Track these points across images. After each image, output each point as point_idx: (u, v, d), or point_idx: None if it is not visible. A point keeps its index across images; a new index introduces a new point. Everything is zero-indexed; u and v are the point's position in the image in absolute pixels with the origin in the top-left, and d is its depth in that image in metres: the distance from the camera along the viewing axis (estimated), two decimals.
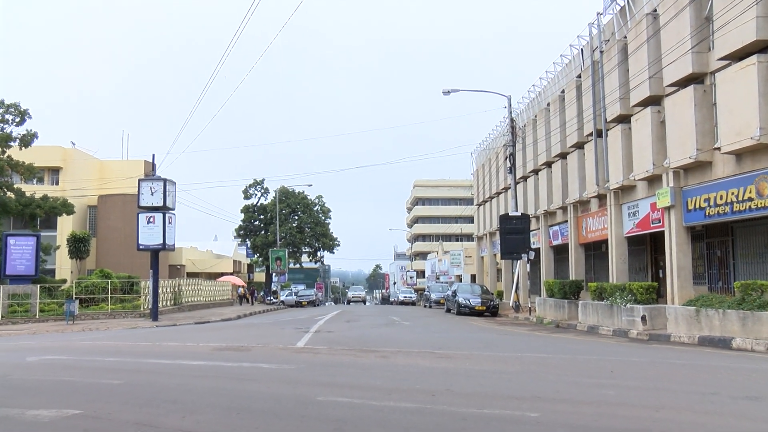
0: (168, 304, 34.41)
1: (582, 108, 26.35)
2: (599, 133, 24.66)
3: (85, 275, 36.20)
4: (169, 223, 27.67)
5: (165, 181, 27.76)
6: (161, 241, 27.40)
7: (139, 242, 27.60)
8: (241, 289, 54.44)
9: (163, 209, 27.65)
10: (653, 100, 20.95)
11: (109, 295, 30.73)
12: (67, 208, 35.65)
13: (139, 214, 27.73)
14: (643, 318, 17.65)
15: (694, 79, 18.76)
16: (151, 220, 27.44)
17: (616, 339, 17.03)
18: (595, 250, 29.13)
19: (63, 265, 43.32)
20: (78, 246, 37.79)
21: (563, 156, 29.28)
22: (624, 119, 23.05)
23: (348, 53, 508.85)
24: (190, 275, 51.43)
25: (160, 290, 31.34)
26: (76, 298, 29.29)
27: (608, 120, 23.79)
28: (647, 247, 25.01)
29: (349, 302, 54.98)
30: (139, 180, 28.54)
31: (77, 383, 8.82)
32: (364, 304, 40.52)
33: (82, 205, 46.04)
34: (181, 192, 77.75)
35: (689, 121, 18.28)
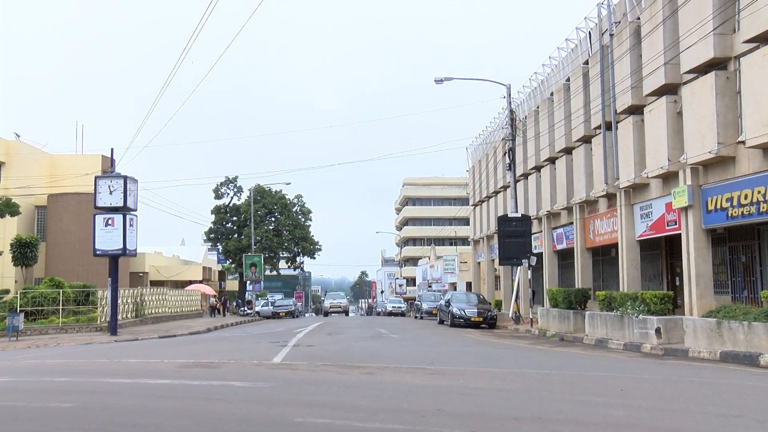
0: (129, 316, 34.22)
1: (589, 98, 26.48)
2: (608, 126, 24.80)
3: (33, 285, 35.89)
4: (131, 225, 27.53)
5: (125, 178, 27.63)
6: (121, 246, 27.25)
7: (96, 247, 27.44)
8: (212, 299, 54.23)
9: (124, 210, 27.51)
10: (669, 89, 21.07)
11: (61, 307, 30.50)
12: (10, 208, 35.31)
13: (96, 216, 27.57)
14: (658, 331, 17.75)
15: (716, 64, 18.83)
16: (110, 222, 27.28)
17: (628, 354, 17.11)
18: (604, 256, 29.27)
19: (6, 274, 42.86)
20: (24, 252, 37.40)
21: (568, 151, 29.41)
22: (636, 110, 23.19)
23: (328, 38, 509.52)
24: (154, 284, 51.19)
25: (119, 301, 31.16)
26: (21, 310, 29.04)
27: (618, 111, 23.92)
28: (662, 252, 25.17)
29: (326, 313, 50.24)
30: (95, 177, 28.39)
31: (20, 408, 8.65)
32: (346, 315, 39.57)
33: (29, 205, 45.59)
34: (143, 191, 77.30)
35: (710, 111, 18.34)
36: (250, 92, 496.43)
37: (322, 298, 79.01)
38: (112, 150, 30.42)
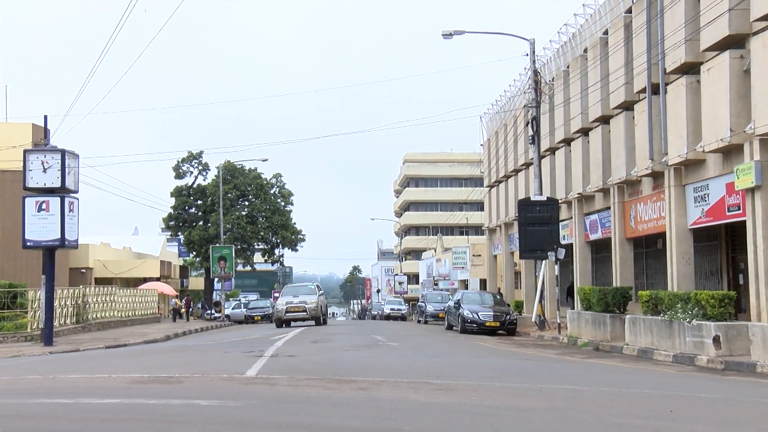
0: (68, 322, 34.24)
1: (632, 55, 26.45)
2: (655, 89, 24.77)
3: None
4: (70, 210, 27.46)
5: (64, 152, 27.49)
6: (58, 236, 27.18)
7: (27, 237, 27.35)
8: (174, 301, 54.27)
9: (62, 192, 27.42)
10: (734, 41, 20.94)
11: None
12: None
13: (26, 199, 27.46)
14: (716, 339, 17.83)
15: None
16: (44, 206, 27.21)
17: (678, 367, 17.21)
18: (648, 247, 29.35)
19: None
20: None
21: (605, 120, 29.41)
22: (691, 69, 23.17)
23: None
24: (101, 282, 51.16)
25: (56, 303, 31.12)
26: None
27: (668, 70, 23.90)
28: (721, 244, 25.23)
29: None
30: (25, 151, 28.20)
31: None
32: (319, 323, 35.49)
33: None
34: (86, 168, 77.30)
35: None
36: (220, 51, 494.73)
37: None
38: (45, 118, 30.21)
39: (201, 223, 65.86)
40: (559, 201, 32.52)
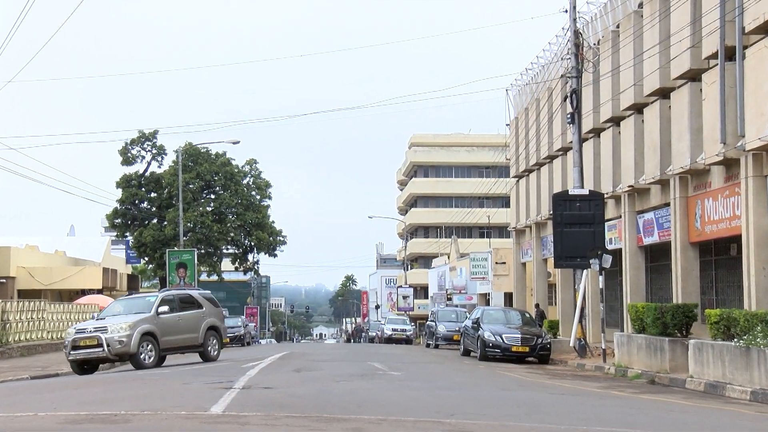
0: None
1: (700, 11, 26.40)
2: (729, 54, 24.75)
3: None
4: None
5: None
6: None
7: None
8: None
9: None
10: None
11: None
12: None
13: None
14: None
15: None
16: None
17: (757, 407, 17.15)
18: (719, 255, 29.28)
19: None
20: None
21: (664, 94, 29.38)
22: None
23: None
24: (26, 295, 51.13)
25: None
26: None
27: (747, 29, 23.85)
28: None
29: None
30: None
31: None
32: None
33: None
34: (5, 152, 76.87)
35: None
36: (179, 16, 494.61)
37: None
38: None
39: (155, 220, 65.75)
40: (605, 195, 32.47)
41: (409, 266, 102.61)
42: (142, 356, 26.45)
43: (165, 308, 27.67)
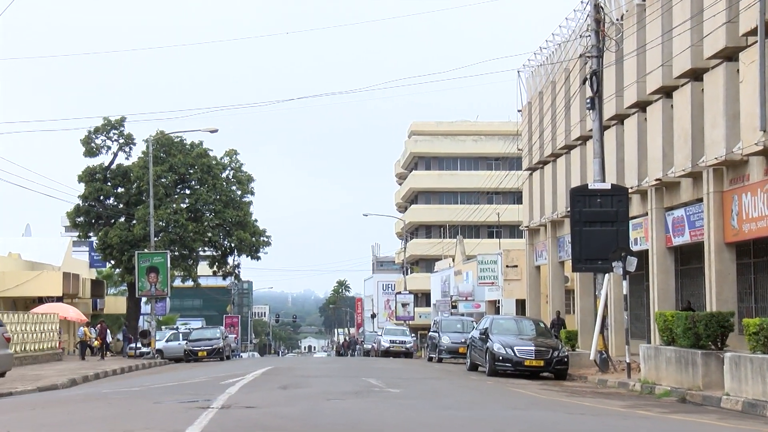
0: None
1: None
2: None
3: None
4: None
5: None
6: None
7: None
8: (83, 330, 54.06)
9: None
10: None
11: None
12: None
13: None
14: None
15: None
16: None
17: None
18: (758, 257, 29.36)
19: None
20: None
21: (696, 76, 29.41)
22: None
23: None
24: None
25: None
26: None
27: None
28: None
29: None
30: None
31: None
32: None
33: None
34: None
35: None
36: None
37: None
38: None
39: (123, 219, 65.73)
40: (629, 190, 32.49)
41: (409, 270, 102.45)
42: None
43: None
